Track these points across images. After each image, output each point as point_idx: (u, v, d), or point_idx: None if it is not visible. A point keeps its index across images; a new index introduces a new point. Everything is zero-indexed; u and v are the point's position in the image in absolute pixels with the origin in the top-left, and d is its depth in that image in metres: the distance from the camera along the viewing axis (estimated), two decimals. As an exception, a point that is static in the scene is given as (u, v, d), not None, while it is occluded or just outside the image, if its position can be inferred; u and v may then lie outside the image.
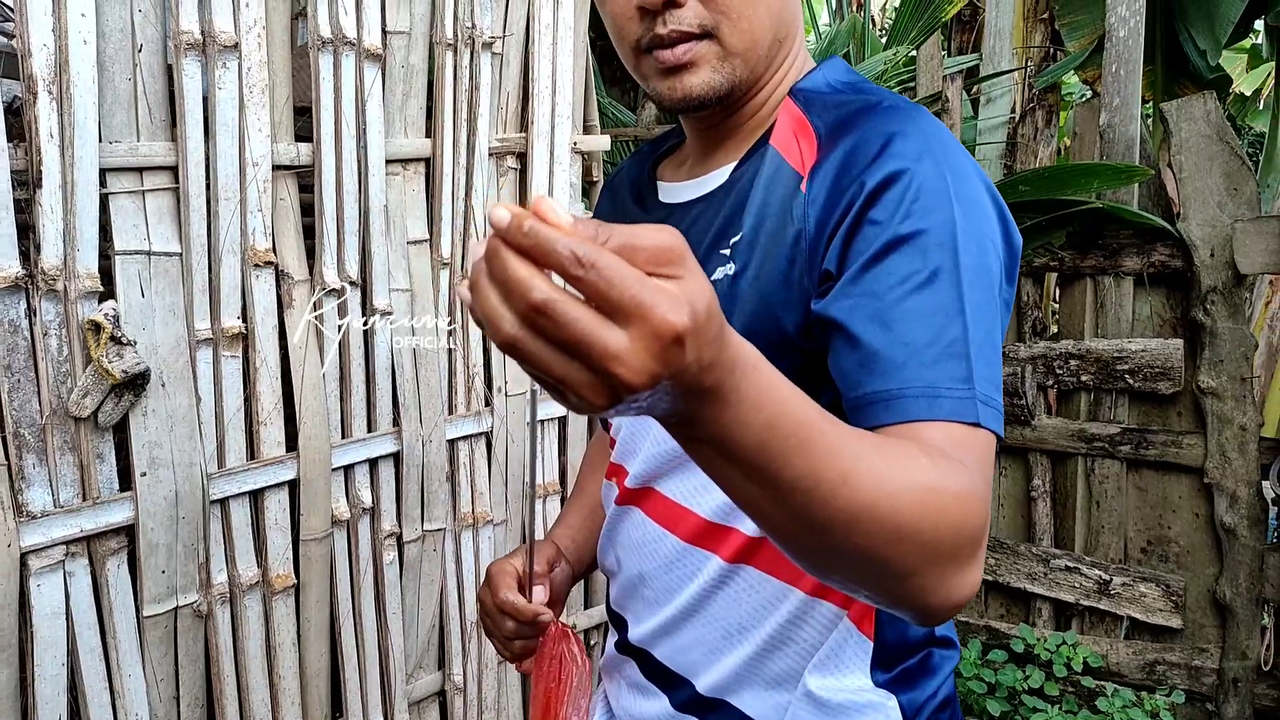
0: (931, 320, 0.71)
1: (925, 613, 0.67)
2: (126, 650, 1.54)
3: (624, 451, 1.00)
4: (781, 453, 0.56)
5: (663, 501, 0.94)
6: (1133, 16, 2.85)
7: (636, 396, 0.47)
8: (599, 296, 0.44)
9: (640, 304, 0.45)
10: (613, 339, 0.45)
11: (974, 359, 0.71)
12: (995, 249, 0.77)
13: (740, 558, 0.89)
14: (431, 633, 2.03)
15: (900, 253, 0.73)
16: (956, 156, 0.78)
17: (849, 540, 0.60)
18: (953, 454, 0.67)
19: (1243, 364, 2.58)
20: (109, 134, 1.46)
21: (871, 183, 0.75)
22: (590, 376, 0.46)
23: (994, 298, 0.75)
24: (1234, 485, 2.59)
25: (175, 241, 1.54)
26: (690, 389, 0.50)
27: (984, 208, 0.77)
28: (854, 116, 0.82)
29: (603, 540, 1.06)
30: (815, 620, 0.88)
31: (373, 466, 1.87)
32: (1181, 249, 2.67)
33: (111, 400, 1.45)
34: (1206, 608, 2.72)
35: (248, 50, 1.58)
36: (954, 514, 0.63)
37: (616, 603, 1.06)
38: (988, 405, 0.71)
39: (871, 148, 0.77)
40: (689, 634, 0.94)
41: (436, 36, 1.86)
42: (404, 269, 1.87)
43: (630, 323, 0.45)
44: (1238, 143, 2.57)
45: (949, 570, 0.64)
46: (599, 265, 0.44)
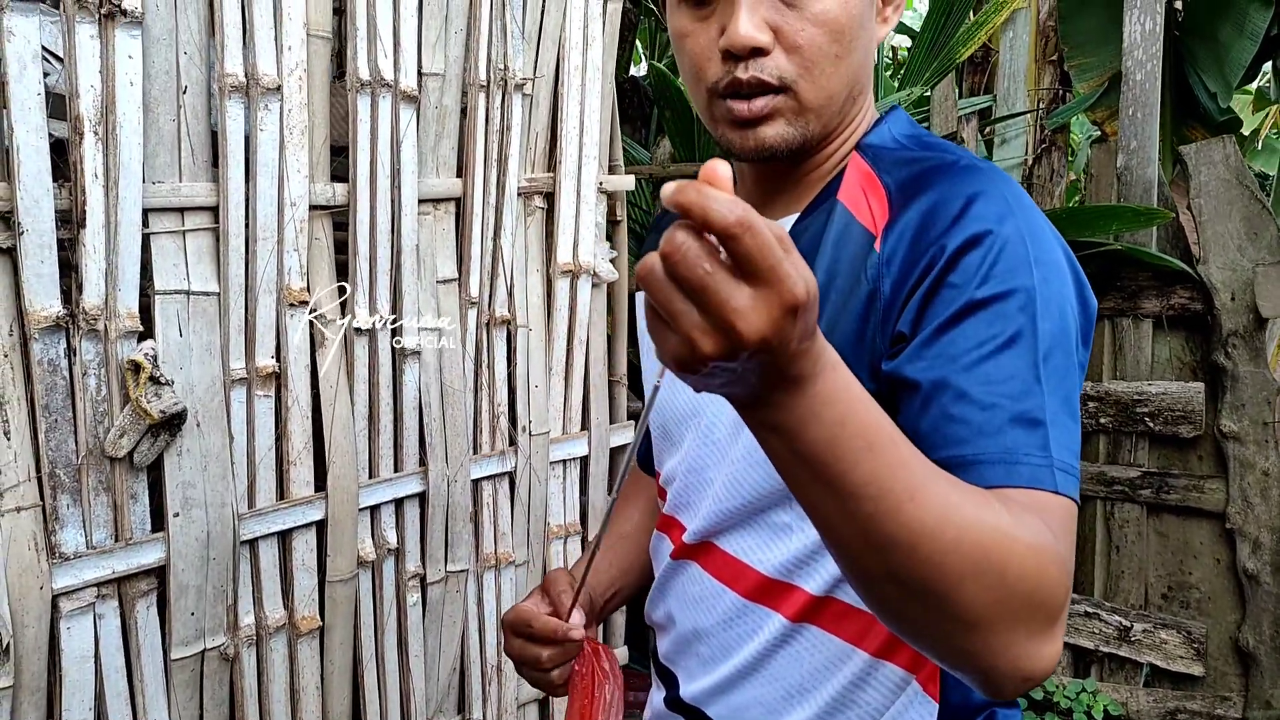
0: (1009, 385, 0.70)
1: (991, 677, 0.64)
2: (153, 694, 1.52)
3: (680, 504, 0.98)
4: (850, 452, 0.57)
5: (722, 557, 0.92)
6: (1149, 60, 2.88)
7: (737, 357, 0.51)
8: (747, 257, 0.49)
9: (777, 272, 0.49)
10: (740, 294, 0.50)
11: (1050, 425, 0.70)
12: (1073, 312, 0.76)
13: (803, 616, 0.87)
14: (452, 676, 2.01)
15: (978, 317, 0.72)
16: (1035, 219, 0.77)
17: (911, 565, 0.59)
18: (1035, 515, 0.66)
19: (1264, 408, 2.57)
20: (152, 174, 1.46)
21: (952, 246, 0.74)
22: (707, 323, 0.51)
23: (1072, 363, 0.75)
24: (1257, 531, 2.58)
25: (214, 281, 1.54)
26: (779, 367, 0.53)
27: (1061, 272, 0.77)
28: (929, 175, 0.81)
29: (654, 594, 1.04)
30: (879, 683, 0.86)
31: (398, 507, 1.86)
32: (1201, 292, 2.68)
33: (148, 440, 1.44)
34: (1229, 655, 2.69)
35: (289, 92, 1.59)
36: (1029, 567, 0.62)
37: (667, 658, 1.03)
38: (1066, 473, 0.70)
39: (951, 209, 0.76)
40: (747, 694, 0.92)
41: (470, 78, 1.87)
42: (433, 308, 1.87)
43: (762, 285, 0.50)
44: (1257, 187, 2.59)
45: (1020, 632, 0.62)
46: (755, 229, 0.48)
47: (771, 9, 0.80)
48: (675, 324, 0.52)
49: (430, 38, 1.79)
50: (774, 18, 0.80)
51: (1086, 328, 0.79)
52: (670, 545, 1.00)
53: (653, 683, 1.10)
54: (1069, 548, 0.68)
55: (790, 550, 0.87)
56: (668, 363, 0.54)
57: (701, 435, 0.93)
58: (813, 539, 0.85)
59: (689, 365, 0.53)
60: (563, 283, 2.09)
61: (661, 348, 0.53)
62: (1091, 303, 0.80)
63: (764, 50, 0.80)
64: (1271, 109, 6.51)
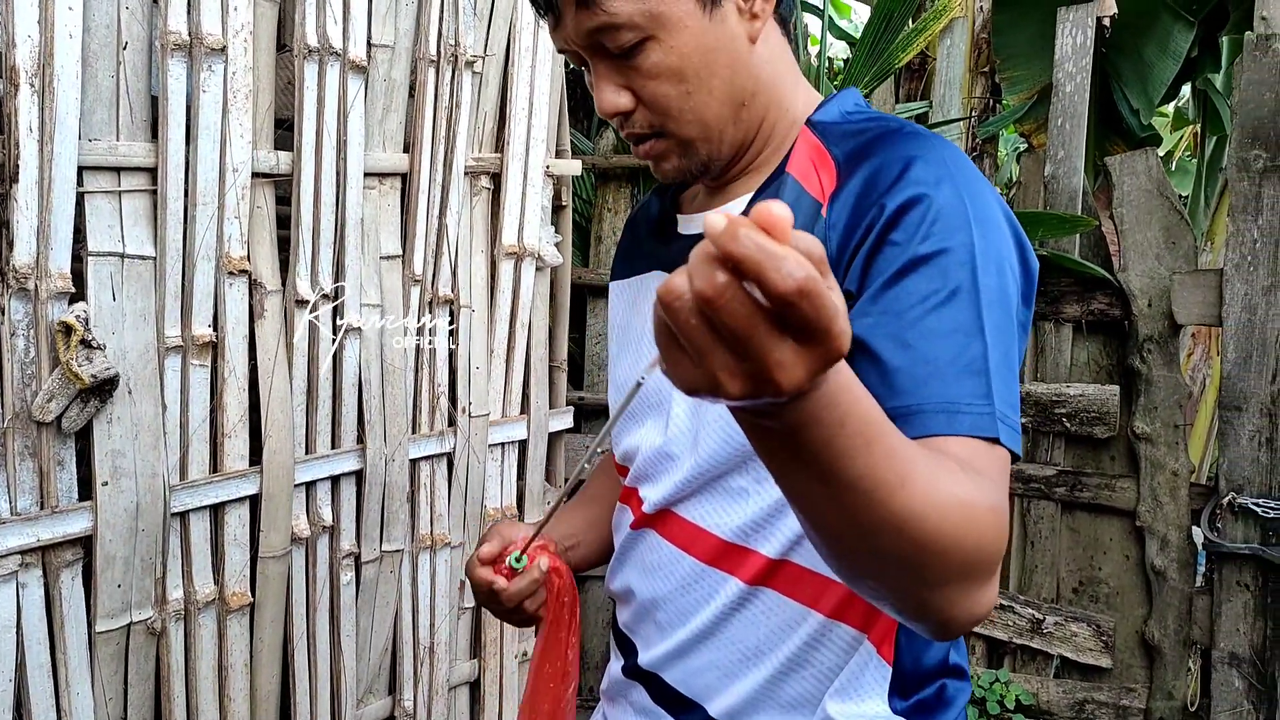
0: (951, 338, 0.73)
1: (946, 626, 0.67)
2: (76, 667, 1.47)
3: (640, 476, 0.99)
4: (847, 450, 0.56)
5: (680, 523, 0.94)
6: (1080, 73, 2.98)
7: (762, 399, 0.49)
8: (804, 322, 0.45)
9: (830, 332, 0.46)
10: (784, 349, 0.47)
11: (993, 377, 0.73)
12: (1013, 271, 0.79)
13: (760, 580, 0.89)
14: (384, 656, 1.99)
15: (920, 272, 0.75)
16: (974, 181, 0.80)
17: (896, 546, 0.60)
18: (975, 468, 0.69)
19: (1176, 411, 2.68)
20: (88, 131, 1.42)
21: (892, 206, 0.77)
22: (738, 367, 0.47)
23: (1011, 319, 0.77)
24: (1165, 529, 2.69)
25: (150, 245, 1.50)
26: None
27: (1001, 231, 0.79)
28: (873, 142, 0.84)
29: (614, 564, 1.05)
30: (833, 643, 0.88)
31: (334, 484, 1.83)
32: (1120, 298, 2.78)
33: (77, 406, 1.40)
34: (1135, 648, 2.80)
35: (234, 54, 1.55)
36: (986, 529, 0.64)
37: (626, 626, 1.05)
38: (1006, 423, 0.72)
39: (891, 172, 0.79)
40: (703, 657, 0.93)
41: (420, 52, 1.85)
42: (376, 284, 1.84)
43: (811, 344, 0.47)
44: (1177, 198, 2.70)
45: (973, 584, 0.65)
46: (815, 295, 0.45)
47: (621, 74, 0.84)
48: (700, 360, 0.48)
49: (380, 8, 1.77)
50: (626, 81, 0.84)
51: (1028, 288, 0.82)
52: (631, 516, 1.01)
53: (612, 652, 1.11)
54: (1005, 497, 0.71)
55: (747, 514, 0.88)
56: (680, 387, 0.51)
57: (663, 416, 0.95)
58: (769, 503, 0.87)
59: (705, 396, 0.50)
60: (507, 265, 2.08)
61: (674, 371, 0.50)
62: (1033, 263, 0.83)
63: (628, 111, 0.85)
64: (1187, 129, 6.78)
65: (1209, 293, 2.57)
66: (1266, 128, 2.45)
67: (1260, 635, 2.54)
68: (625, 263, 1.11)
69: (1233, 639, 2.57)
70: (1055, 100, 3.02)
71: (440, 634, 2.05)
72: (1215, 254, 4.41)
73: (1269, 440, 2.49)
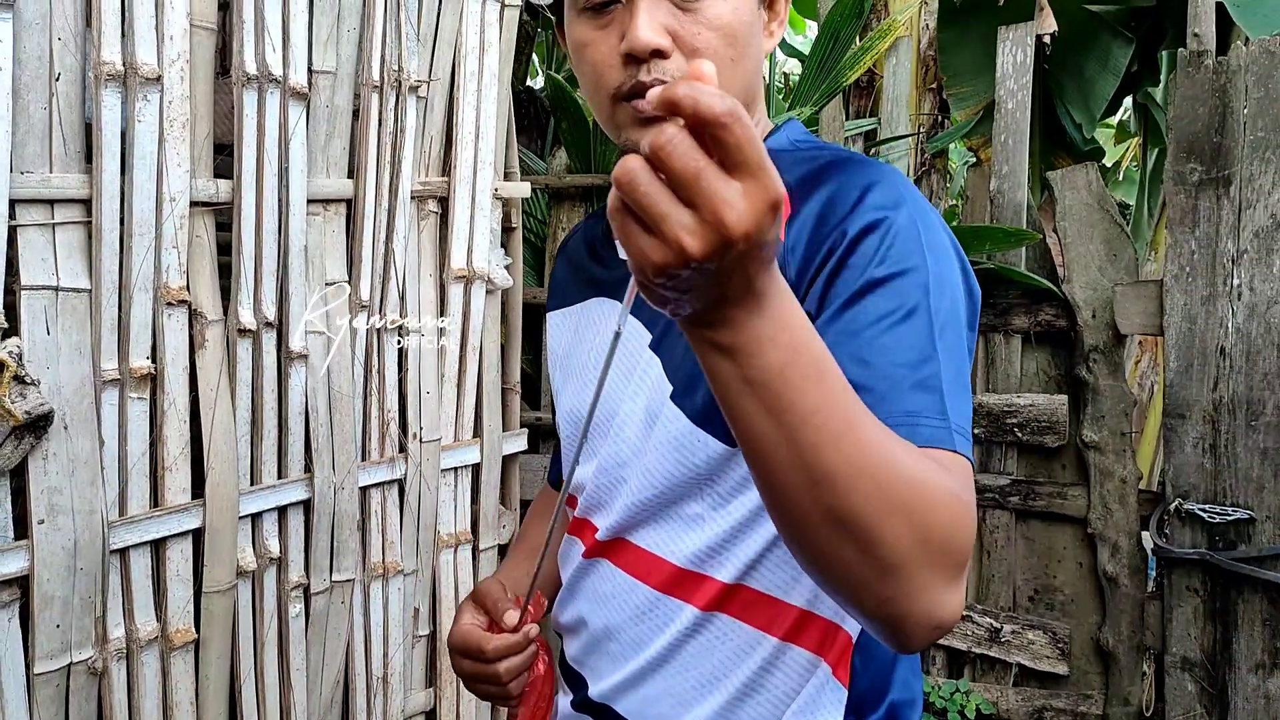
0: (908, 354, 0.74)
1: (905, 624, 0.65)
2: (15, 710, 1.43)
3: (592, 505, 0.98)
4: (800, 380, 0.58)
5: (635, 551, 0.93)
6: (1020, 90, 3.03)
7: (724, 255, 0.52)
8: (737, 147, 0.50)
9: (763, 166, 0.51)
10: (730, 188, 0.51)
11: (947, 394, 0.74)
12: (962, 295, 0.82)
13: (714, 605, 0.88)
14: (336, 689, 1.96)
15: (877, 293, 0.77)
16: (925, 210, 0.82)
17: (848, 499, 0.60)
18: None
19: (1123, 419, 2.73)
20: (20, 164, 1.39)
21: (852, 231, 0.79)
22: (694, 220, 0.51)
23: (962, 339, 0.79)
24: (1115, 535, 2.73)
25: (85, 277, 1.48)
26: (750, 273, 0.55)
27: (950, 257, 0.82)
28: (827, 169, 0.86)
29: (563, 596, 1.04)
30: (787, 667, 0.88)
31: (282, 514, 1.81)
32: (1066, 310, 2.83)
33: (11, 443, 1.37)
34: (1090, 655, 2.84)
35: (170, 83, 1.54)
36: (945, 509, 0.64)
37: (575, 660, 1.03)
38: (963, 436, 0.74)
39: (850, 197, 0.81)
40: (657, 685, 0.92)
41: (363, 78, 1.85)
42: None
43: (750, 179, 0.51)
44: (1117, 211, 2.75)
45: (935, 576, 0.64)
46: (744, 120, 0.49)
47: (668, 14, 0.82)
48: (661, 226, 0.51)
49: (321, 35, 1.76)
50: (671, 23, 0.82)
51: (972, 312, 0.84)
52: (581, 547, 1.00)
53: (559, 688, 1.09)
54: (972, 498, 0.71)
55: (702, 540, 0.88)
56: (646, 272, 0.54)
57: (614, 437, 0.94)
58: (725, 528, 0.87)
59: (670, 269, 0.53)
60: (456, 288, 2.07)
61: (641, 257, 0.53)
62: (976, 290, 0.85)
63: (664, 53, 0.82)
64: (1132, 141, 6.93)
65: (1150, 303, 2.62)
66: (1201, 142, 2.51)
67: (1210, 639, 2.58)
68: (563, 292, 1.11)
69: (1184, 644, 2.61)
70: (998, 117, 3.07)
71: (394, 663, 2.03)
72: (1159, 264, 4.51)
73: (1212, 447, 2.54)
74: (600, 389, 0.70)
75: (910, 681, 0.94)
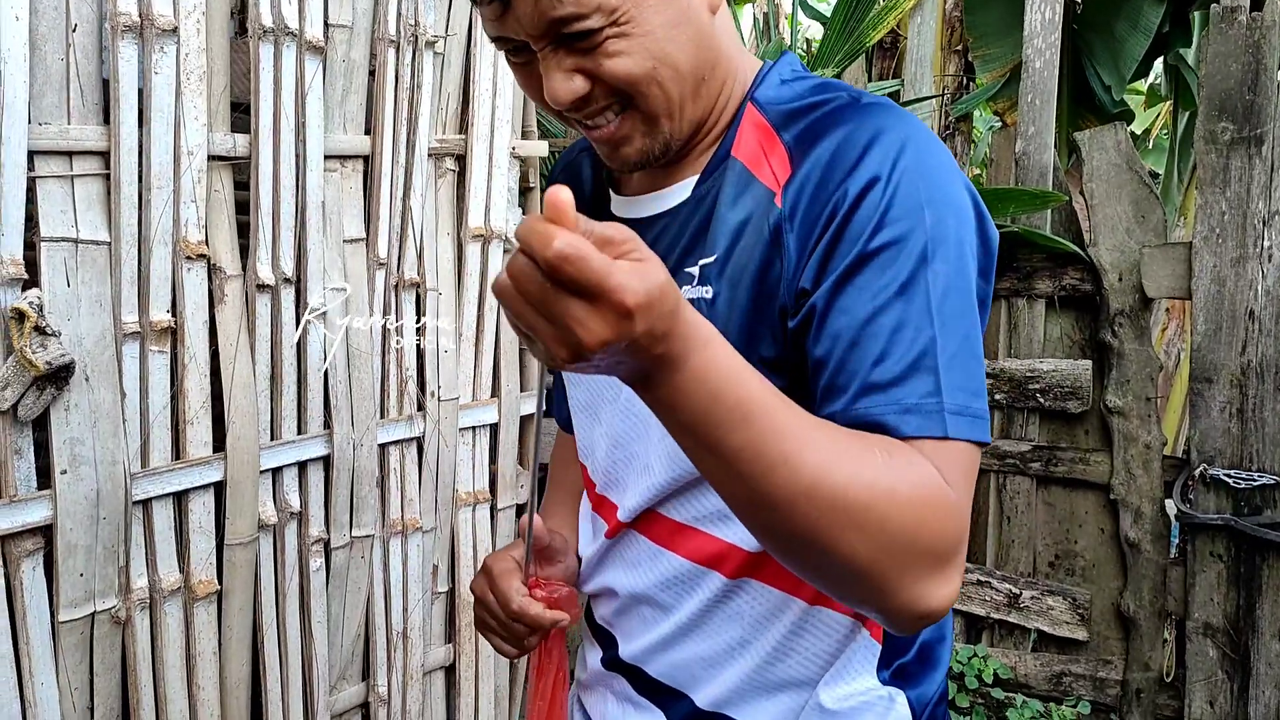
0: (900, 335, 0.72)
1: (889, 617, 0.69)
2: (40, 657, 1.46)
3: (609, 483, 0.97)
4: (724, 423, 0.63)
5: (664, 522, 0.92)
6: (1048, 49, 2.98)
7: (592, 357, 0.58)
8: (571, 282, 0.55)
9: (604, 287, 0.55)
10: (575, 308, 0.56)
11: (943, 371, 0.72)
12: (971, 249, 0.77)
13: (742, 572, 0.88)
14: (356, 643, 1.98)
15: (870, 268, 0.73)
16: (932, 158, 0.77)
17: (793, 521, 0.65)
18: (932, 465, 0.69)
19: (1148, 384, 2.70)
20: (38, 115, 1.39)
21: (848, 196, 0.74)
22: (555, 332, 0.57)
23: (970, 302, 0.75)
24: (1138, 501, 2.71)
25: (104, 230, 1.48)
26: (642, 354, 0.60)
27: (957, 208, 0.76)
28: (826, 120, 0.80)
29: (588, 569, 1.03)
30: (817, 628, 0.87)
31: (302, 470, 1.82)
32: (1091, 273, 2.79)
33: (33, 393, 1.38)
34: (1111, 620, 2.82)
35: (186, 35, 1.53)
36: (909, 517, 0.66)
37: (605, 619, 1.03)
38: (960, 415, 0.71)
39: (849, 156, 0.76)
40: (688, 650, 0.92)
41: (379, 32, 1.84)
42: (339, 267, 1.83)
43: (594, 300, 0.56)
44: (1146, 172, 2.70)
45: (908, 576, 0.67)
46: (570, 258, 0.54)
47: (571, 57, 0.77)
48: (535, 334, 0.58)
49: (338, -11, 1.75)
50: (577, 63, 0.77)
51: (986, 263, 0.79)
52: (605, 525, 0.99)
53: (587, 643, 1.09)
54: (964, 490, 0.70)
55: (727, 512, 0.87)
56: (537, 358, 0.62)
57: (621, 409, 0.93)
58: None
59: (556, 365, 0.60)
60: (474, 247, 2.07)
61: (532, 350, 0.61)
62: (992, 236, 0.80)
63: (586, 98, 0.78)
64: (1162, 107, 6.80)
65: (1178, 265, 2.58)
66: (1233, 100, 2.46)
67: (1233, 605, 2.56)
68: None
69: (1206, 609, 2.59)
70: (1025, 76, 3.02)
71: (413, 619, 2.05)
72: (1188, 229, 4.43)
73: (1239, 411, 2.51)
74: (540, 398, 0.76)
75: (942, 626, 0.94)
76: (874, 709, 0.88)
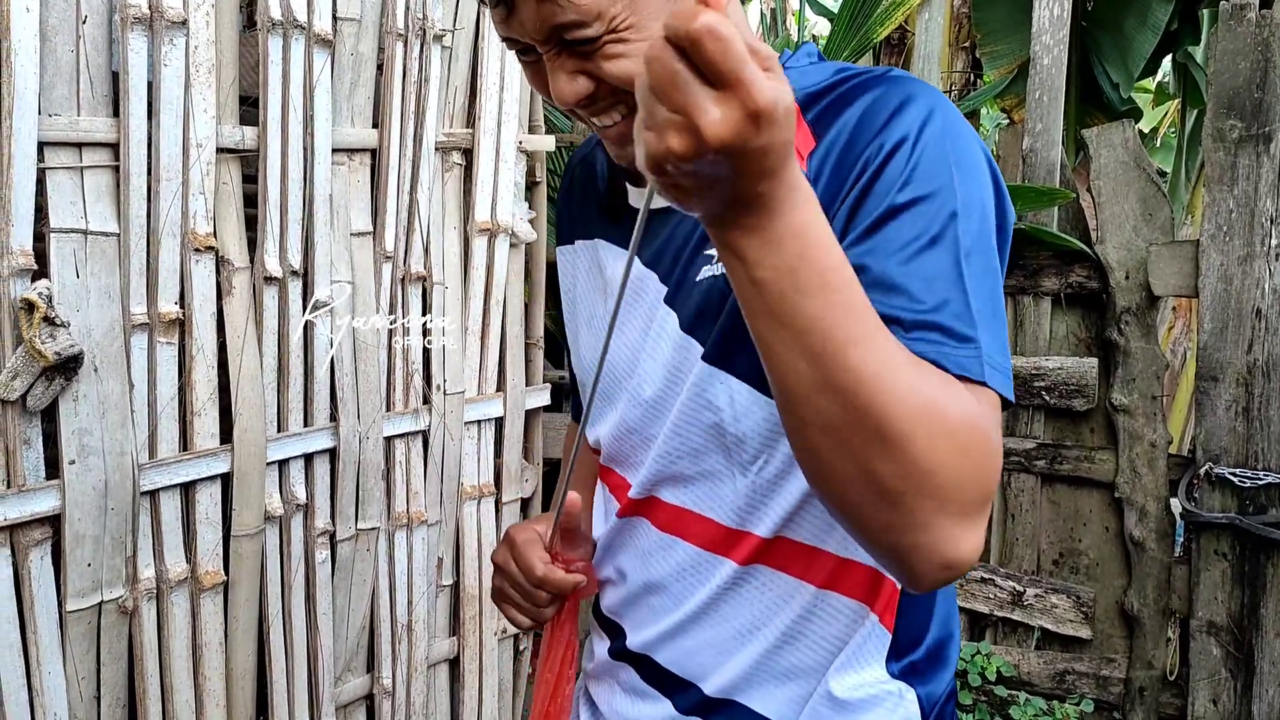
0: (935, 284, 0.71)
1: (912, 558, 0.65)
2: (47, 646, 1.47)
3: (621, 461, 0.97)
4: (805, 286, 0.60)
5: (670, 510, 0.92)
6: (1057, 45, 2.97)
7: (708, 156, 0.54)
8: (708, 62, 0.52)
9: (740, 76, 0.52)
10: (705, 95, 0.53)
11: (978, 323, 0.71)
12: (991, 218, 0.77)
13: (753, 559, 0.88)
14: (361, 634, 1.98)
15: (900, 220, 0.73)
16: (959, 124, 0.78)
17: (851, 411, 0.61)
18: None
19: (1154, 383, 2.69)
20: (48, 107, 1.40)
21: (876, 153, 0.75)
22: (677, 119, 0.54)
23: (994, 264, 0.76)
24: (1143, 500, 2.70)
25: (113, 221, 1.49)
26: (748, 181, 0.57)
27: (982, 175, 0.77)
28: (852, 91, 0.80)
29: (600, 553, 1.03)
30: (826, 614, 0.87)
31: (308, 462, 1.83)
32: (1098, 271, 2.78)
33: (42, 383, 1.39)
34: (1114, 619, 2.82)
35: (195, 28, 1.54)
36: (961, 445, 0.63)
37: (611, 610, 1.02)
38: (994, 368, 0.71)
39: (879, 117, 0.77)
40: (697, 637, 0.92)
41: (387, 26, 1.84)
42: (346, 261, 1.83)
43: (726, 90, 0.53)
44: (1154, 169, 2.70)
45: (943, 508, 0.63)
46: (716, 35, 0.52)
47: (575, 59, 0.77)
48: (651, 121, 0.55)
49: (347, -18, 1.75)
50: (581, 65, 0.77)
51: (1003, 237, 0.80)
52: (616, 504, 0.99)
53: (594, 634, 1.09)
54: (997, 439, 0.68)
55: (738, 498, 0.87)
56: (646, 163, 0.57)
57: (631, 395, 0.93)
58: (757, 485, 0.86)
59: (661, 164, 0.56)
60: (480, 241, 2.07)
61: (645, 146, 0.56)
62: (1010, 212, 0.81)
63: (592, 95, 0.79)
64: (1170, 106, 6.79)
65: (1185, 264, 2.58)
66: (1242, 97, 2.45)
67: (1237, 604, 2.56)
68: (571, 226, 1.07)
69: (1211, 608, 2.59)
70: (1033, 73, 3.02)
71: (418, 611, 2.05)
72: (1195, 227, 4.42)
73: (1245, 410, 2.50)
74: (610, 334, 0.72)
75: (950, 617, 0.94)
76: (884, 704, 0.88)
